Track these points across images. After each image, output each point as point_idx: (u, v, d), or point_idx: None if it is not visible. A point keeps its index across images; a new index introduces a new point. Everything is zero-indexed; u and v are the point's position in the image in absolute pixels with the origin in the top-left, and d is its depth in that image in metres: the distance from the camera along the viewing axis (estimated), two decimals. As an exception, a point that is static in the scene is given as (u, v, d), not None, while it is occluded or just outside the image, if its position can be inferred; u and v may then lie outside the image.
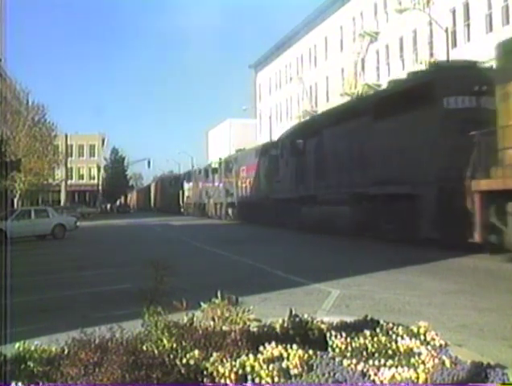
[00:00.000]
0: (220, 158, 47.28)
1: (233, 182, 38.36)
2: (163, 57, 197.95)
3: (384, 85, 27.39)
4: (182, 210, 61.66)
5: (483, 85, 14.15)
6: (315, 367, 3.50)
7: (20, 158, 38.82)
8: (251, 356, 3.52)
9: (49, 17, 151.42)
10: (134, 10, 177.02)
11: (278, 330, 4.30)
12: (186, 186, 60.29)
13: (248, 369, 3.42)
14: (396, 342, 4.01)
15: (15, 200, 41.60)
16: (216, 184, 44.81)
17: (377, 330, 4.31)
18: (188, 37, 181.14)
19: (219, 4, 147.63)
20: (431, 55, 34.98)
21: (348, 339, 4.01)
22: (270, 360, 3.52)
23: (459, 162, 13.13)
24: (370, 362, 3.59)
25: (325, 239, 20.44)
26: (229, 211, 40.07)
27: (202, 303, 4.44)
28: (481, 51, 23.71)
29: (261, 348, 3.68)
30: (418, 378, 3.36)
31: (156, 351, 3.63)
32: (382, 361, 3.59)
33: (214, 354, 3.57)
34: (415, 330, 4.29)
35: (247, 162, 36.16)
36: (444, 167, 14.28)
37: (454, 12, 33.63)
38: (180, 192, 62.90)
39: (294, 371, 3.45)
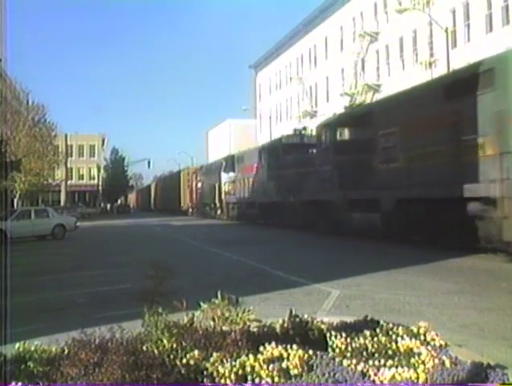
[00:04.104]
0: (302, 129, 29.09)
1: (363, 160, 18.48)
2: (164, 57, 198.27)
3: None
4: (218, 212, 42.42)
5: None
6: (315, 368, 3.50)
7: (20, 158, 38.80)
8: (251, 356, 3.52)
9: (49, 17, 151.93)
10: (134, 11, 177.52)
11: (278, 330, 4.30)
12: (224, 177, 39.83)
13: (248, 369, 3.42)
14: (396, 342, 4.01)
15: (15, 200, 41.61)
16: (307, 169, 23.81)
17: (377, 330, 4.31)
18: (188, 37, 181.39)
19: (219, 4, 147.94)
20: (431, 55, 35.03)
21: (348, 339, 4.01)
22: (270, 360, 3.52)
23: None
24: (370, 362, 3.59)
25: (325, 239, 20.42)
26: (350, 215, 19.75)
27: (202, 303, 4.44)
28: (481, 51, 23.70)
29: (261, 348, 3.68)
30: (418, 378, 3.36)
31: (156, 352, 3.64)
32: (382, 361, 3.60)
33: (214, 354, 3.57)
34: (415, 330, 4.29)
35: (395, 119, 16.54)
36: None
37: (454, 12, 33.65)
38: (216, 186, 42.01)
39: (294, 372, 3.45)
